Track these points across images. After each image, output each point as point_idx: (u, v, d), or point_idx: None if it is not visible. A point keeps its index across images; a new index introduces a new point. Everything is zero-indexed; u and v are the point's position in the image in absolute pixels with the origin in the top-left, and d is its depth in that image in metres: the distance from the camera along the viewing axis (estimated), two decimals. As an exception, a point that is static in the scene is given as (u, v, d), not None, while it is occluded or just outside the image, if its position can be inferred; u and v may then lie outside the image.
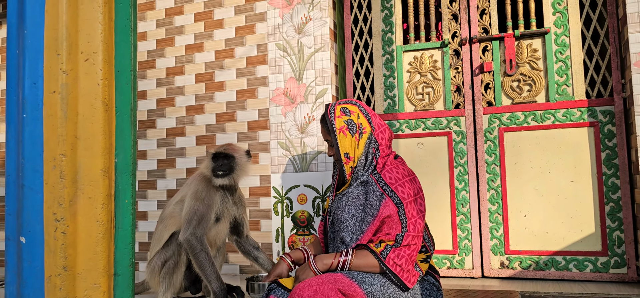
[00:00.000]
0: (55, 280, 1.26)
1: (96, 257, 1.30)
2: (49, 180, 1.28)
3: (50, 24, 1.32)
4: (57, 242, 1.26)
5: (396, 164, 2.00)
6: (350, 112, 2.04)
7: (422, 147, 3.02)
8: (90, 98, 1.33)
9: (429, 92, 3.06)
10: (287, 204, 3.08)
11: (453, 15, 3.04)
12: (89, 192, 1.30)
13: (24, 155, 1.29)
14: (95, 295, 1.30)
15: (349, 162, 2.00)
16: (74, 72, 1.32)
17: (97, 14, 1.35)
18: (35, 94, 1.29)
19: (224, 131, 3.27)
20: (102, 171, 1.32)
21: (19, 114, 1.31)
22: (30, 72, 1.30)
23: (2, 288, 3.08)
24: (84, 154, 1.31)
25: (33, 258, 1.27)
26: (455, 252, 2.93)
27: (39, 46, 1.31)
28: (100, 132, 1.33)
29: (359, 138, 1.99)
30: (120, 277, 1.36)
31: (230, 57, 3.29)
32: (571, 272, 2.72)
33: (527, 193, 2.82)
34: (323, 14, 3.08)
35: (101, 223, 1.31)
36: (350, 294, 1.84)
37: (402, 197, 1.88)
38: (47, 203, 1.28)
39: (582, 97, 2.76)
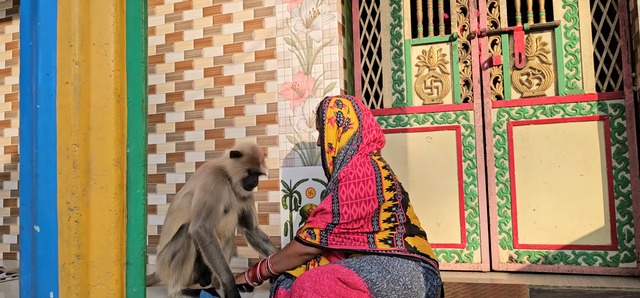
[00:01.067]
0: (69, 269, 1.28)
1: (109, 245, 1.32)
2: (62, 170, 1.29)
3: (62, 15, 1.33)
4: (70, 230, 1.28)
5: (357, 164, 2.03)
6: (343, 106, 2.13)
7: (431, 141, 3.02)
8: (102, 89, 1.34)
9: (438, 86, 3.06)
10: (295, 198, 3.09)
11: (462, 8, 3.03)
12: (101, 182, 1.32)
13: (38, 145, 1.30)
14: (108, 283, 1.32)
15: (331, 152, 2.11)
16: (86, 63, 1.33)
17: (108, 5, 1.37)
18: (49, 85, 1.31)
19: (233, 125, 3.29)
20: (114, 161, 1.33)
21: (33, 105, 1.33)
22: (43, 64, 1.32)
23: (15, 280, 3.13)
24: (96, 144, 1.33)
25: (47, 246, 1.29)
26: (463, 245, 2.93)
27: (52, 38, 1.33)
28: (113, 122, 1.34)
29: (343, 131, 2.08)
30: (132, 265, 1.38)
31: (239, 52, 3.30)
32: (580, 266, 2.71)
33: (536, 187, 2.81)
34: (331, 8, 3.08)
35: (113, 213, 1.33)
36: (350, 282, 1.87)
37: (341, 197, 1.97)
38: (61, 192, 1.29)
39: (592, 90, 2.74)
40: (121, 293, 1.34)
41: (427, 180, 3.01)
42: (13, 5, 4.05)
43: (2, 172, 4.01)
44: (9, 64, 4.04)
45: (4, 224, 3.99)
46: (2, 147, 4.03)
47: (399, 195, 2.06)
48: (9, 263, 3.76)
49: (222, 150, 3.32)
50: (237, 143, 2.41)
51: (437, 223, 2.98)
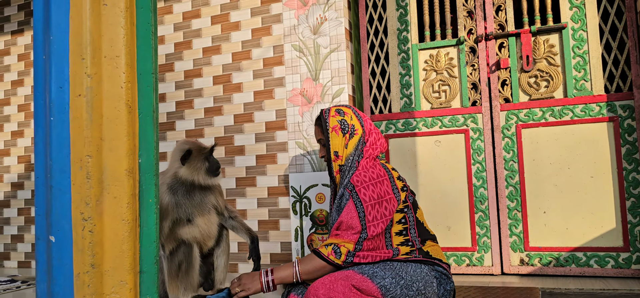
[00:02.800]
0: (84, 278, 1.30)
1: (122, 254, 1.34)
2: (76, 181, 1.32)
3: (74, 29, 1.36)
4: (85, 240, 1.30)
5: (367, 167, 2.03)
6: (344, 114, 2.12)
7: (439, 145, 3.02)
8: (114, 100, 1.36)
9: (446, 90, 3.06)
10: (305, 203, 3.11)
11: (468, 12, 3.04)
12: (114, 192, 1.34)
13: (52, 157, 1.33)
14: (122, 292, 1.34)
15: (338, 160, 2.08)
16: (98, 76, 1.35)
17: (119, 18, 1.39)
18: (62, 98, 1.34)
19: (242, 132, 3.31)
20: (126, 171, 1.36)
21: (46, 117, 1.35)
22: (56, 77, 1.34)
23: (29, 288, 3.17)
24: (109, 155, 1.35)
25: (62, 256, 1.31)
26: (474, 249, 2.92)
27: (64, 51, 1.35)
28: (124, 133, 1.36)
29: (349, 138, 2.07)
30: (145, 274, 1.40)
31: (247, 59, 3.33)
32: (592, 268, 2.70)
33: (547, 190, 2.80)
34: (338, 14, 3.10)
35: (126, 222, 1.35)
36: (364, 289, 1.87)
37: (364, 199, 1.93)
38: (75, 203, 1.32)
39: (601, 92, 2.74)
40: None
41: (437, 184, 3.01)
42: (25, 17, 4.12)
43: (16, 182, 4.07)
44: (22, 74, 4.10)
45: (18, 233, 4.04)
46: (15, 157, 4.09)
47: (409, 197, 2.07)
48: (24, 271, 3.80)
49: (232, 157, 3.34)
50: (171, 154, 2.37)
51: (447, 226, 2.98)
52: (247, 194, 3.29)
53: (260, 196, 3.25)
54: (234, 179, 3.33)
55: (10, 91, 4.14)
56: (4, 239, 4.10)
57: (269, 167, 3.23)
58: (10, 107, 4.13)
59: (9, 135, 4.12)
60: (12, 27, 4.16)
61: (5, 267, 4.07)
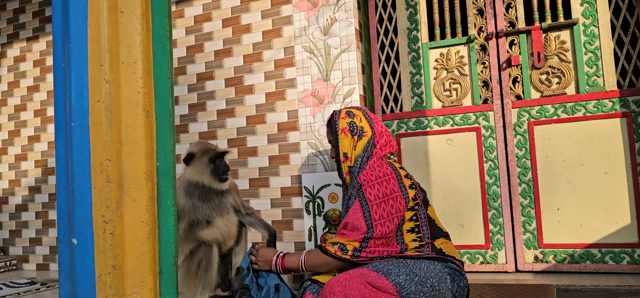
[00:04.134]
0: (105, 279, 1.33)
1: (142, 256, 1.37)
2: (96, 185, 1.35)
3: (92, 37, 1.39)
4: (106, 242, 1.34)
5: (374, 167, 2.06)
6: (354, 116, 2.16)
7: (451, 143, 3.03)
8: (131, 105, 1.40)
9: (456, 88, 3.07)
10: (318, 203, 3.13)
11: (478, 10, 3.04)
12: (133, 195, 1.37)
13: (73, 161, 1.36)
14: (143, 292, 1.37)
15: (346, 162, 2.11)
16: (116, 82, 1.39)
17: (136, 25, 1.42)
18: (82, 104, 1.37)
19: (255, 133, 3.34)
20: (145, 174, 1.39)
21: (67, 123, 1.39)
22: (76, 83, 1.38)
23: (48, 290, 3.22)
24: (128, 159, 1.38)
25: (84, 258, 1.34)
26: (487, 246, 2.93)
27: (83, 58, 1.38)
28: (142, 137, 1.39)
29: (357, 140, 2.10)
30: (165, 274, 1.43)
31: (259, 61, 3.36)
32: (607, 265, 2.69)
33: (560, 186, 2.80)
34: (348, 15, 3.12)
35: (146, 224, 1.38)
36: (379, 286, 1.89)
37: (369, 198, 1.96)
38: (96, 206, 1.35)
39: (613, 87, 2.73)
40: (155, 302, 1.39)
41: (449, 182, 3.01)
42: (39, 24, 4.18)
43: (33, 186, 4.14)
44: (37, 80, 4.16)
45: (36, 236, 4.11)
46: (32, 161, 4.15)
47: (419, 194, 2.09)
48: (42, 274, 3.87)
49: (245, 159, 3.38)
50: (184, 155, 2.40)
51: (460, 224, 2.98)
52: (260, 195, 3.32)
53: (273, 197, 3.27)
54: (248, 180, 3.36)
55: (26, 97, 4.21)
56: (22, 242, 4.17)
57: (282, 167, 3.26)
58: (26, 112, 4.20)
59: (26, 140, 4.19)
60: (27, 34, 4.23)
61: (24, 269, 4.14)
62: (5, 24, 4.32)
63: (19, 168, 4.21)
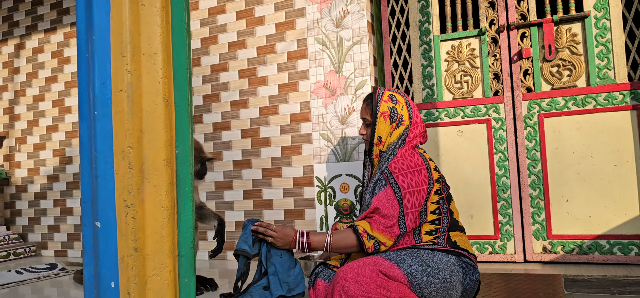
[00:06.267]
0: (127, 261, 1.40)
1: (162, 239, 1.43)
2: (119, 171, 1.41)
3: (115, 29, 1.45)
4: (128, 226, 1.40)
5: (406, 156, 2.06)
6: (397, 101, 2.13)
7: (462, 135, 3.06)
8: (152, 95, 1.45)
9: (467, 80, 3.10)
10: (330, 193, 3.18)
11: (490, 2, 3.06)
12: (154, 181, 1.43)
13: (97, 148, 1.43)
14: (163, 274, 1.43)
15: (379, 145, 2.11)
16: (137, 72, 1.45)
17: (156, 17, 1.48)
18: (105, 93, 1.43)
19: (268, 124, 3.40)
20: (164, 161, 1.45)
21: (91, 112, 1.45)
22: (99, 73, 1.44)
23: (67, 275, 3.31)
24: (148, 146, 1.44)
25: (107, 240, 1.41)
26: (497, 237, 2.96)
27: (106, 49, 1.44)
28: (162, 126, 1.45)
29: (395, 127, 2.09)
30: (183, 257, 1.49)
31: (272, 53, 3.41)
32: (616, 256, 2.72)
33: (569, 178, 2.82)
34: (361, 7, 3.15)
35: (166, 209, 1.44)
36: (391, 275, 1.93)
37: (402, 186, 1.97)
38: (118, 191, 1.41)
39: (624, 80, 2.74)
40: (174, 284, 1.45)
41: (459, 173, 3.05)
42: (57, 16, 4.27)
43: (51, 174, 4.24)
44: (55, 71, 4.25)
45: (54, 223, 4.21)
46: (50, 150, 4.25)
47: (445, 189, 2.11)
48: (60, 260, 3.97)
49: (258, 149, 3.44)
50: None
51: (469, 215, 3.02)
52: (273, 185, 3.38)
53: (286, 186, 3.33)
54: (260, 170, 3.42)
55: (44, 87, 4.30)
56: (41, 229, 4.28)
57: (294, 158, 3.32)
58: (44, 102, 4.29)
59: (44, 129, 4.29)
60: (45, 26, 4.31)
61: (43, 255, 4.25)
62: (24, 16, 4.41)
63: (37, 157, 4.31)
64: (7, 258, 4.06)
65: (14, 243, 4.22)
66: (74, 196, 4.13)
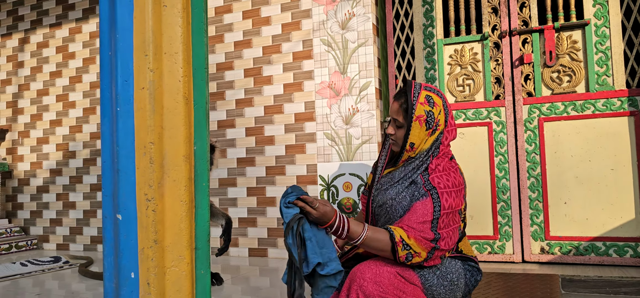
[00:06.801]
0: (147, 252, 1.45)
1: (181, 232, 1.49)
2: (140, 165, 1.47)
3: (138, 28, 1.50)
4: (148, 218, 1.45)
5: (448, 170, 1.93)
6: (434, 105, 1.87)
7: (463, 137, 3.13)
8: (173, 93, 1.51)
9: (470, 84, 3.16)
10: (333, 192, 3.24)
11: (493, 8, 3.13)
12: (173, 176, 1.49)
13: (119, 143, 1.48)
14: (181, 265, 1.49)
15: (410, 152, 1.91)
16: (159, 71, 1.50)
17: (177, 18, 1.53)
18: (127, 90, 1.48)
19: (272, 123, 3.45)
20: (184, 157, 1.50)
21: (113, 108, 1.50)
22: (122, 71, 1.49)
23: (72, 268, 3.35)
24: (169, 142, 1.49)
25: (128, 233, 1.46)
26: (496, 237, 3.03)
27: (129, 48, 1.50)
28: (182, 123, 1.51)
29: (431, 134, 1.88)
30: (200, 250, 1.54)
31: (277, 53, 3.46)
32: (611, 257, 2.79)
33: (568, 181, 2.89)
34: (366, 10, 3.21)
35: (184, 203, 1.49)
36: (407, 277, 1.97)
37: (444, 205, 1.85)
38: (139, 185, 1.46)
39: (623, 86, 2.81)
40: (191, 275, 1.51)
41: (460, 175, 3.11)
42: (62, 11, 4.30)
43: (55, 168, 4.27)
44: (60, 66, 4.29)
45: (56, 217, 4.25)
46: (54, 144, 4.29)
47: (466, 205, 2.10)
48: (62, 253, 4.01)
49: (262, 147, 3.49)
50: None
51: (470, 215, 3.09)
52: (276, 182, 3.43)
53: (289, 184, 3.39)
54: (264, 168, 3.47)
55: (48, 82, 4.33)
56: (43, 223, 4.31)
57: (298, 156, 3.37)
58: (48, 97, 4.33)
59: (48, 124, 4.32)
60: (50, 20, 4.34)
61: (44, 249, 4.28)
62: (29, 10, 4.44)
63: (40, 151, 4.35)
64: (9, 251, 4.09)
65: (16, 236, 4.25)
66: (76, 190, 4.17)
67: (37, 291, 2.74)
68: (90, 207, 4.10)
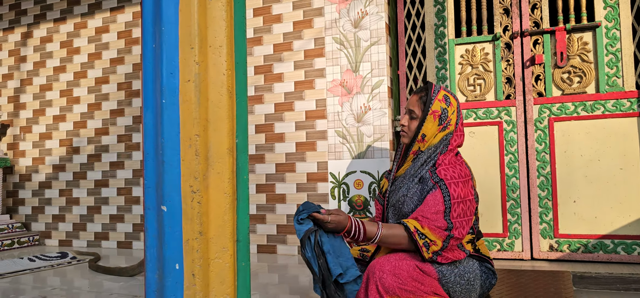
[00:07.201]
0: (192, 243, 1.46)
1: (224, 224, 1.50)
2: (185, 157, 1.47)
3: (183, 21, 1.51)
4: (193, 210, 1.46)
5: (454, 163, 2.04)
6: (450, 104, 2.06)
7: (474, 136, 3.17)
8: (217, 86, 1.52)
9: (480, 84, 3.21)
10: (343, 189, 3.27)
11: (504, 9, 3.18)
12: (218, 168, 1.50)
13: (164, 135, 1.48)
14: (225, 257, 1.50)
15: (420, 143, 2.06)
16: (204, 64, 1.51)
17: (222, 12, 1.54)
18: (173, 83, 1.49)
19: (283, 120, 3.47)
20: (227, 150, 1.51)
21: (157, 100, 1.51)
22: (167, 64, 1.50)
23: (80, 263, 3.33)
24: (213, 135, 1.51)
25: (173, 224, 1.47)
26: (505, 235, 3.08)
27: (175, 41, 1.50)
28: (226, 116, 1.52)
29: (441, 130, 2.04)
30: (241, 242, 1.56)
31: (288, 50, 3.48)
32: (619, 255, 2.86)
33: (577, 180, 2.95)
34: (379, 9, 3.24)
35: (228, 195, 1.51)
36: (426, 270, 2.01)
37: (453, 195, 1.94)
38: (184, 177, 1.47)
39: (632, 88, 2.88)
40: (234, 267, 1.52)
41: (471, 173, 3.16)
42: (67, 6, 4.26)
43: (58, 164, 4.23)
44: (64, 61, 4.25)
45: (59, 213, 4.21)
46: (57, 140, 4.25)
47: (478, 199, 2.16)
48: (64, 249, 3.97)
49: (272, 144, 3.50)
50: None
51: (480, 213, 3.13)
52: (286, 179, 3.44)
53: (299, 181, 3.40)
54: (274, 165, 3.49)
55: (52, 77, 4.29)
56: (45, 218, 4.27)
57: (309, 154, 3.39)
58: (52, 92, 4.29)
59: (51, 119, 4.28)
60: (54, 15, 4.30)
61: (46, 245, 4.24)
62: (32, 4, 4.39)
63: (43, 146, 4.30)
64: (11, 247, 4.04)
65: (18, 232, 4.21)
66: (80, 186, 4.14)
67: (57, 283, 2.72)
68: (95, 203, 4.07)
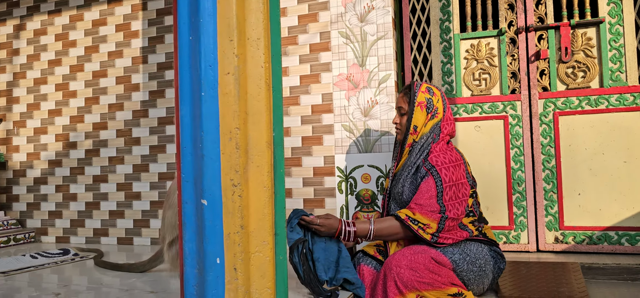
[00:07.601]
0: (234, 237, 1.45)
1: (264, 218, 1.49)
2: (225, 151, 1.46)
3: (222, 13, 1.49)
4: (234, 204, 1.45)
5: (444, 150, 2.19)
6: (433, 94, 2.26)
7: (479, 130, 3.21)
8: (255, 79, 1.51)
9: (486, 78, 3.24)
10: (351, 183, 3.27)
11: (509, 5, 3.22)
12: (257, 162, 1.49)
13: (203, 128, 1.47)
14: (265, 251, 1.49)
15: (413, 135, 2.23)
16: (243, 56, 1.50)
17: (259, 4, 1.53)
18: (211, 75, 1.47)
19: (288, 114, 3.46)
20: (266, 143, 1.51)
21: (195, 93, 1.49)
22: (205, 56, 1.48)
23: (83, 260, 3.27)
24: (252, 128, 1.50)
25: (214, 218, 1.45)
26: (511, 227, 3.13)
27: (213, 33, 1.49)
28: (264, 109, 1.51)
29: (430, 118, 2.22)
30: (279, 236, 1.56)
31: (294, 44, 3.46)
32: (623, 246, 2.93)
33: (581, 173, 3.01)
34: (385, 3, 3.25)
35: (267, 189, 1.50)
36: (440, 261, 2.07)
37: (444, 179, 2.09)
38: (224, 170, 1.46)
39: (635, 83, 2.95)
40: (273, 261, 1.52)
41: (476, 166, 3.20)
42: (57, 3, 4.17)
43: (53, 159, 4.15)
44: (59, 54, 4.16)
45: (56, 209, 4.13)
46: (52, 135, 4.16)
47: (475, 183, 2.26)
48: (61, 245, 3.90)
49: (278, 138, 3.48)
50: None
51: (485, 206, 3.17)
52: (292, 174, 3.44)
53: (306, 176, 3.40)
54: (279, 159, 3.47)
55: (47, 70, 4.20)
56: (40, 215, 4.18)
57: (315, 148, 3.39)
58: (47, 86, 4.20)
59: (46, 113, 4.19)
60: (48, 7, 4.21)
61: (42, 241, 4.16)
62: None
63: (38, 141, 4.21)
64: (7, 244, 3.96)
65: (13, 229, 4.12)
66: (78, 182, 4.06)
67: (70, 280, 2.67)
68: (93, 199, 4.01)
